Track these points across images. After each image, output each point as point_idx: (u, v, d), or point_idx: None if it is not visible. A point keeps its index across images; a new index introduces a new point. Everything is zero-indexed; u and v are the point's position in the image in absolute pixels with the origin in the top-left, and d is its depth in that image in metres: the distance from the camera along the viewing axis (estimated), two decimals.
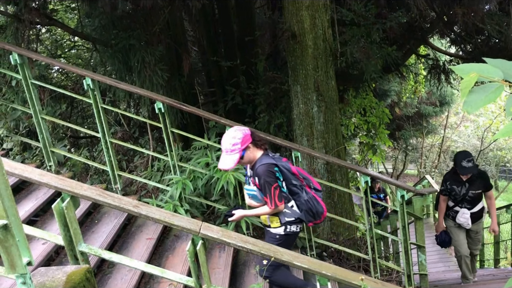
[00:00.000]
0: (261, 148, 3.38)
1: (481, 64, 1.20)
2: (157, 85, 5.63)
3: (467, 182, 5.02)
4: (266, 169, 3.22)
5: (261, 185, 3.26)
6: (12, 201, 1.75)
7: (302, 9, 4.99)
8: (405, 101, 15.24)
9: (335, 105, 5.33)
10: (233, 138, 3.20)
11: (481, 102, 1.15)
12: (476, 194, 5.04)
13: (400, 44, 7.35)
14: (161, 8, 5.73)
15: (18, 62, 4.47)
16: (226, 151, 3.22)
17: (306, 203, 3.43)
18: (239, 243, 2.44)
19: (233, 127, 3.40)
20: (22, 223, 1.90)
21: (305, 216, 3.44)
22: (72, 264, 2.36)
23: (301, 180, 3.50)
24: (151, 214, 2.37)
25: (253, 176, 3.34)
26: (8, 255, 1.78)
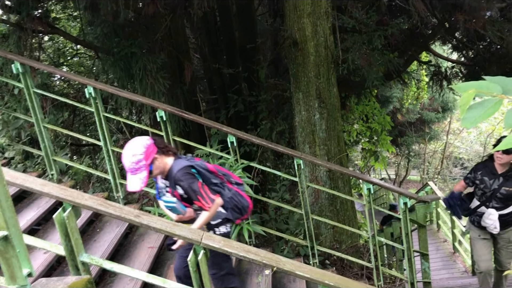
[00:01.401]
0: (170, 154, 3.12)
1: (480, 82, 1.21)
2: (158, 92, 5.64)
3: (501, 176, 4.31)
4: (184, 173, 3.00)
5: (186, 191, 3.02)
6: (12, 212, 1.74)
7: (304, 16, 4.99)
8: (407, 107, 15.24)
9: (337, 112, 5.32)
10: (134, 156, 2.88)
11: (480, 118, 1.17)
12: (509, 192, 4.28)
13: (402, 51, 7.35)
14: (163, 16, 5.75)
15: (20, 71, 4.48)
16: (131, 172, 2.89)
17: (230, 200, 3.27)
18: (241, 252, 2.42)
19: (131, 141, 3.00)
20: (23, 232, 1.89)
21: (232, 214, 3.29)
22: (73, 275, 2.34)
23: (220, 177, 3.32)
24: (152, 224, 2.36)
25: (170, 186, 3.10)
26: (8, 266, 1.77)
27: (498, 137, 20.29)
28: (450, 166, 23.10)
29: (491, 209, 4.37)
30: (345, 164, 5.51)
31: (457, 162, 24.58)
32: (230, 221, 3.33)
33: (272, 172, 4.91)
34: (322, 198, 5.33)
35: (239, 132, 4.65)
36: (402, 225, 4.63)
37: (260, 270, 4.26)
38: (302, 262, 4.70)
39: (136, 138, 3.01)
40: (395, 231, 5.58)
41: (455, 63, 7.88)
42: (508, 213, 4.37)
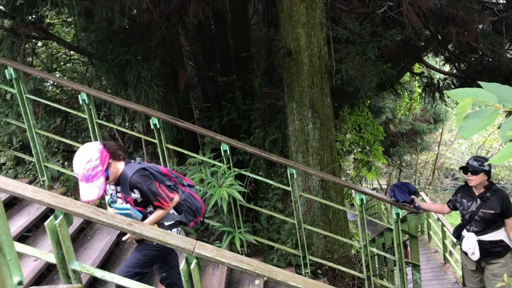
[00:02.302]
0: (121, 159, 3.02)
1: (476, 89, 1.20)
2: (152, 100, 5.63)
3: (479, 198, 4.18)
4: (140, 175, 2.95)
5: (145, 194, 2.96)
6: (4, 219, 1.73)
7: (298, 26, 5.02)
8: (400, 118, 15.34)
9: (330, 122, 5.34)
10: (89, 162, 2.76)
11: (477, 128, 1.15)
12: (487, 215, 4.09)
13: (395, 62, 7.42)
14: (158, 23, 5.76)
15: (13, 76, 4.46)
16: (86, 179, 2.75)
17: (184, 202, 3.25)
18: (234, 262, 2.41)
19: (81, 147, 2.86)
20: (13, 240, 1.87)
21: (185, 216, 3.25)
22: (64, 283, 2.32)
23: (173, 179, 3.28)
24: (144, 232, 2.34)
25: (123, 191, 3.01)
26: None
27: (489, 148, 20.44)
28: (441, 177, 23.24)
29: (470, 233, 4.24)
30: (337, 174, 5.52)
31: (448, 173, 24.74)
32: (183, 223, 3.28)
33: (265, 181, 4.91)
34: (314, 208, 5.33)
35: (232, 140, 4.65)
36: (394, 235, 4.64)
37: (251, 280, 4.24)
38: (294, 271, 4.69)
39: (86, 144, 2.91)
40: (387, 241, 5.57)
41: (448, 74, 7.97)
42: (490, 241, 4.16)
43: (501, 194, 4.12)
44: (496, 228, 4.12)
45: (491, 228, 4.12)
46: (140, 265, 3.12)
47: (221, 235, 4.72)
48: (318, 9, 5.07)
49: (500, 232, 4.12)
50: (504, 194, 4.13)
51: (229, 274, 4.32)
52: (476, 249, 4.19)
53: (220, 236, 4.76)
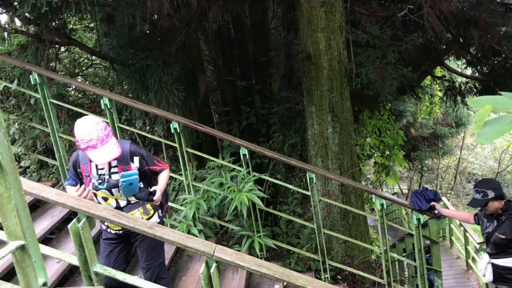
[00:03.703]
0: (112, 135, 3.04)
1: (496, 96, 1.20)
2: (173, 104, 5.68)
3: (495, 220, 3.89)
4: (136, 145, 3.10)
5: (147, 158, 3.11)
6: (29, 222, 1.76)
7: (318, 31, 5.02)
8: (421, 122, 15.16)
9: (350, 126, 5.31)
10: (98, 124, 2.82)
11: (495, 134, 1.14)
12: (498, 239, 3.81)
13: (416, 65, 7.33)
14: (178, 29, 5.82)
15: (38, 81, 4.56)
16: (101, 141, 2.78)
17: None
18: (253, 266, 2.42)
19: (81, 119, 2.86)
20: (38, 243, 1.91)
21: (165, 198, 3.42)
22: (86, 285, 2.36)
23: None
24: (165, 235, 2.37)
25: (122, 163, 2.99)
26: (24, 275, 1.79)
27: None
28: (464, 181, 22.86)
29: (485, 254, 4.03)
30: (357, 178, 5.48)
31: (470, 178, 24.32)
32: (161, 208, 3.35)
33: (284, 185, 4.90)
34: (334, 213, 5.30)
35: (252, 144, 4.66)
36: (415, 241, 4.59)
37: (270, 284, 4.23)
38: (313, 276, 4.67)
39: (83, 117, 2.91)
40: (408, 247, 5.51)
41: (470, 78, 7.84)
42: (503, 266, 3.87)
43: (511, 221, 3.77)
44: (511, 254, 3.82)
45: (505, 253, 3.83)
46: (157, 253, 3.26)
47: (240, 239, 4.73)
48: (337, 13, 5.05)
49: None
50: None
51: (248, 278, 4.32)
52: (488, 271, 3.98)
53: (239, 240, 4.77)
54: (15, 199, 1.66)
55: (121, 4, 4.79)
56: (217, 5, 5.16)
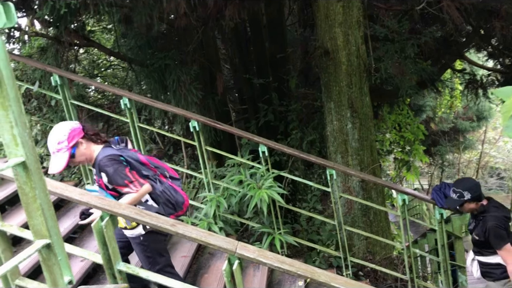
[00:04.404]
0: (99, 142, 3.07)
1: None
2: (191, 103, 5.71)
3: (475, 219, 3.87)
4: (110, 159, 2.93)
5: (112, 177, 2.90)
6: (54, 221, 1.79)
7: (335, 26, 4.98)
8: (441, 116, 14.93)
9: (369, 121, 5.26)
10: (57, 136, 2.88)
11: None
12: (474, 239, 3.85)
13: (435, 59, 7.23)
14: (195, 28, 5.83)
15: (58, 83, 4.62)
16: (53, 153, 2.88)
17: (162, 194, 3.12)
18: (276, 263, 2.41)
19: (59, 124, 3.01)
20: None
21: (164, 209, 3.11)
22: (111, 283, 2.38)
23: (153, 169, 3.19)
24: (188, 233, 2.38)
25: (96, 174, 3.01)
26: (50, 273, 1.81)
27: None
28: (486, 176, 22.45)
29: (470, 251, 4.01)
30: (378, 174, 5.43)
31: (493, 172, 23.86)
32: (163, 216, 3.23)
33: (303, 182, 4.88)
34: (355, 209, 5.26)
35: (271, 142, 4.66)
36: (438, 236, 4.53)
37: (292, 281, 4.22)
38: (335, 273, 4.64)
39: (64, 122, 3.05)
40: (430, 242, 5.44)
41: (491, 70, 7.70)
42: (486, 263, 3.85)
43: (486, 223, 3.68)
44: (491, 252, 3.77)
45: (485, 251, 3.81)
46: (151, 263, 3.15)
47: (261, 236, 4.73)
48: (355, 8, 5.00)
49: (498, 256, 3.72)
50: (489, 225, 3.64)
51: (269, 275, 4.32)
52: (474, 268, 3.98)
53: (260, 237, 4.77)
54: (40, 199, 1.68)
55: (138, 5, 4.82)
56: (233, 3, 5.16)
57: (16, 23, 1.49)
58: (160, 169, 3.27)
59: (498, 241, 3.61)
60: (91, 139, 3.05)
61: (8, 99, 1.52)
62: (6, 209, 4.20)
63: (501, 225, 3.62)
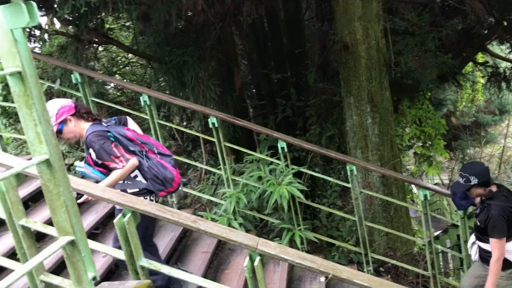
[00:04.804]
0: (89, 120, 3.10)
1: None
2: (210, 99, 5.71)
3: (481, 205, 3.78)
4: (97, 135, 2.97)
5: (98, 152, 2.94)
6: (78, 218, 1.80)
7: (354, 20, 4.92)
8: (462, 110, 14.68)
9: (390, 116, 5.20)
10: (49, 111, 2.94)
11: None
12: (478, 227, 3.77)
13: (456, 52, 7.08)
14: (213, 24, 5.83)
15: (79, 81, 4.67)
16: None
17: (149, 170, 3.12)
18: (297, 259, 2.40)
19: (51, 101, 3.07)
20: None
21: (152, 185, 3.11)
22: (133, 279, 2.40)
23: (140, 145, 3.19)
24: (209, 229, 2.38)
25: (86, 150, 3.05)
26: (74, 270, 1.83)
27: None
28: (508, 170, 22.00)
29: (473, 234, 3.94)
30: (399, 170, 5.37)
31: None
32: (152, 193, 3.18)
33: (323, 177, 4.85)
34: (375, 205, 5.21)
35: (289, 137, 4.64)
36: (461, 232, 4.47)
37: (312, 277, 4.21)
38: (355, 269, 4.61)
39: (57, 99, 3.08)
40: (452, 238, 5.36)
41: None
42: (485, 250, 3.75)
43: (489, 211, 3.59)
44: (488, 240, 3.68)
45: (485, 237, 3.71)
46: None
47: (280, 232, 4.72)
48: (374, 1, 4.94)
49: None
50: (491, 213, 3.55)
51: (290, 271, 4.31)
52: (473, 251, 3.91)
53: (279, 233, 4.76)
54: (64, 196, 1.70)
55: (156, 2, 4.84)
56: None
57: (38, 22, 1.50)
58: (148, 145, 3.26)
59: (495, 231, 3.54)
60: (82, 116, 3.11)
61: (32, 97, 1.53)
62: (29, 205, 4.26)
63: (504, 216, 3.53)
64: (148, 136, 3.38)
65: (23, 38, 1.49)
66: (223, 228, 2.44)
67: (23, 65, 1.49)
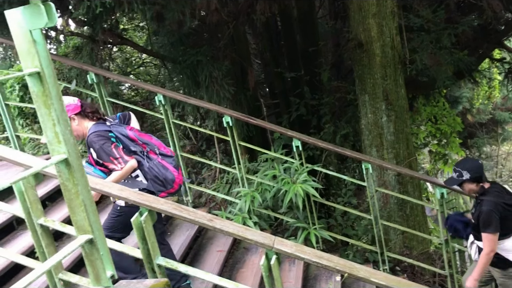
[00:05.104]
0: (94, 119, 3.13)
1: None
2: (224, 98, 5.72)
3: (476, 203, 3.71)
4: (98, 135, 2.98)
5: (98, 153, 2.96)
6: (96, 216, 1.81)
7: (369, 17, 4.88)
8: (478, 108, 14.49)
9: (405, 114, 5.15)
10: None
11: None
12: (474, 224, 3.71)
13: (472, 48, 6.99)
14: (226, 23, 5.83)
15: (95, 81, 4.71)
16: None
17: (149, 170, 3.13)
18: (314, 258, 2.39)
19: None
20: None
21: (152, 185, 3.12)
22: (150, 277, 2.41)
23: (142, 145, 3.20)
24: (225, 228, 2.38)
25: (87, 150, 3.06)
26: (93, 268, 1.84)
27: None
28: None
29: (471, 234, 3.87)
30: (414, 167, 5.32)
31: None
32: (152, 193, 3.14)
33: (338, 176, 4.83)
34: (391, 203, 5.17)
35: (304, 136, 4.62)
36: None
37: (328, 276, 4.19)
38: (372, 268, 4.58)
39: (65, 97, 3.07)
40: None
41: None
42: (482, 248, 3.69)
43: (482, 206, 3.54)
44: None
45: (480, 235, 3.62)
46: (109, 228, 3.21)
47: (295, 231, 4.71)
48: None
49: None
50: (484, 209, 3.50)
51: (305, 270, 4.30)
52: (473, 250, 3.85)
53: (294, 232, 4.75)
54: (83, 195, 1.71)
55: (170, 2, 4.85)
56: None
57: (56, 22, 1.52)
58: (149, 145, 3.27)
59: (486, 226, 3.49)
60: (87, 116, 3.14)
61: (51, 97, 1.55)
62: (46, 205, 4.31)
63: (496, 212, 3.47)
64: (150, 136, 3.39)
65: (41, 39, 1.50)
66: (239, 226, 2.44)
67: (41, 66, 1.51)
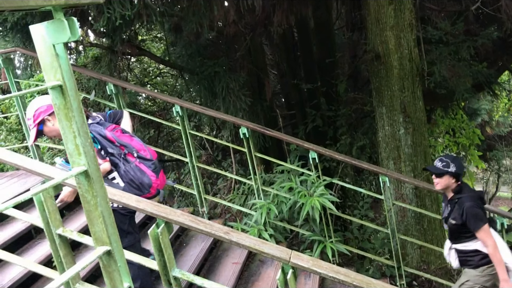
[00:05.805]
0: None
1: None
2: (240, 109, 5.74)
3: (449, 204, 3.67)
4: None
5: None
6: (114, 228, 1.82)
7: (387, 29, 4.87)
8: (498, 120, 14.28)
9: (423, 126, 5.10)
10: (28, 113, 2.99)
11: None
12: (453, 226, 3.60)
13: (492, 61, 6.92)
14: (243, 35, 5.87)
15: (113, 92, 4.76)
16: (29, 126, 3.02)
17: (125, 174, 3.06)
18: (330, 273, 2.36)
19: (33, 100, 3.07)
20: None
21: (128, 189, 3.00)
22: None
23: (120, 147, 3.10)
24: (241, 241, 2.37)
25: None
26: (110, 280, 1.85)
27: None
28: None
29: (447, 240, 3.81)
30: (432, 181, 5.24)
31: None
32: None
33: (354, 189, 4.79)
34: (408, 217, 5.10)
35: (321, 148, 4.60)
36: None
37: None
38: (388, 282, 4.51)
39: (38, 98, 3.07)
40: None
41: None
42: (463, 250, 3.62)
43: (462, 204, 3.50)
44: (469, 238, 3.56)
45: (463, 237, 3.59)
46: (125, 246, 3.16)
47: (311, 244, 4.67)
48: (407, 10, 4.88)
49: (476, 241, 3.53)
50: (466, 205, 3.47)
51: (321, 283, 4.25)
52: (452, 257, 3.75)
53: (310, 245, 4.71)
54: (101, 206, 1.72)
55: (188, 14, 4.90)
56: (281, 8, 5.15)
57: (79, 37, 1.53)
58: (128, 147, 3.17)
59: (476, 221, 3.43)
60: None
61: (72, 110, 1.56)
62: (64, 214, 4.35)
63: (478, 206, 3.49)
64: (131, 137, 3.28)
65: (64, 53, 1.52)
66: (255, 240, 2.42)
67: (63, 79, 1.53)
